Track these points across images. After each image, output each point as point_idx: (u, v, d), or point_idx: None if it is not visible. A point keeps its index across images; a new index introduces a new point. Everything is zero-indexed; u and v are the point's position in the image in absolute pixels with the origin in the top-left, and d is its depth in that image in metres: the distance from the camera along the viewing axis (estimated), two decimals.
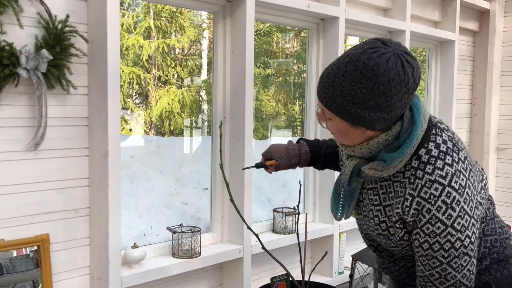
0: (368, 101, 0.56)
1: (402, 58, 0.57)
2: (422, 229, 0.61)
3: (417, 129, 0.60)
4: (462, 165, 0.61)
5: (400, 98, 0.57)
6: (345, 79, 0.57)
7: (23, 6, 0.93)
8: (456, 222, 0.60)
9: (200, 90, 1.79)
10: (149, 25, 1.63)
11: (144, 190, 1.39)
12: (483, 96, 2.30)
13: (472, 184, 0.62)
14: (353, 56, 0.57)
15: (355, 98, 0.57)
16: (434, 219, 0.60)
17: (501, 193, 2.30)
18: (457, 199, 0.59)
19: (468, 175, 0.62)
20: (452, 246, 0.60)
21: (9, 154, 0.95)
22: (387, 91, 0.56)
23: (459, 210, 0.60)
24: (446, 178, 0.59)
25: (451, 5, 2.04)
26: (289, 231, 1.45)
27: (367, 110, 0.57)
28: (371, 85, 0.55)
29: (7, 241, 0.95)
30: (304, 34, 1.78)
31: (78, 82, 1.02)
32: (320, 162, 0.81)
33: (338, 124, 0.61)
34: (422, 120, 0.61)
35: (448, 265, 0.61)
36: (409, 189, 0.61)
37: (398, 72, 0.56)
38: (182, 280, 1.25)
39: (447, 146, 0.62)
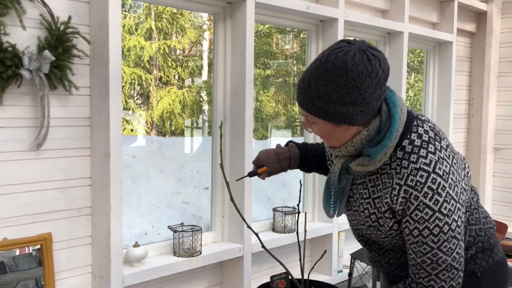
0: (344, 97, 0.59)
1: (367, 52, 0.60)
2: (411, 216, 0.63)
3: (395, 122, 0.63)
4: (444, 153, 0.64)
5: (374, 90, 0.60)
6: (318, 81, 0.60)
7: (25, 8, 0.94)
8: (443, 206, 0.62)
9: (200, 91, 1.80)
10: (150, 27, 1.64)
11: (146, 190, 1.40)
12: (481, 96, 2.31)
13: (456, 171, 0.64)
14: (322, 59, 0.61)
15: (331, 97, 0.60)
16: (422, 205, 0.62)
17: (498, 193, 2.32)
18: (443, 184, 0.62)
19: (451, 162, 0.64)
20: (441, 231, 0.62)
21: (12, 154, 0.96)
22: (359, 85, 0.59)
23: (445, 195, 0.62)
24: (430, 165, 0.62)
25: (448, 7, 2.06)
26: (288, 230, 1.46)
27: (344, 106, 0.60)
28: (343, 82, 0.58)
29: (10, 240, 0.96)
30: (303, 35, 1.80)
31: (80, 83, 1.03)
32: (308, 165, 0.83)
33: (322, 126, 0.64)
34: (399, 113, 0.63)
35: (439, 250, 0.63)
36: (396, 178, 0.64)
37: (365, 65, 0.59)
38: (183, 279, 1.26)
39: (429, 136, 0.64)
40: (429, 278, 0.65)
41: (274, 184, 1.65)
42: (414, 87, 2.53)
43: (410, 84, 2.51)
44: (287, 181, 1.69)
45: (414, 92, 2.52)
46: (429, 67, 2.15)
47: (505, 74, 2.31)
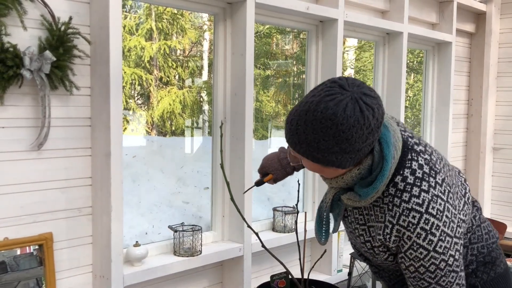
0: (332, 147, 0.56)
1: (360, 102, 0.55)
2: (406, 254, 0.62)
3: (388, 164, 0.60)
4: (439, 189, 0.61)
5: (365, 140, 0.57)
6: (306, 128, 0.56)
7: (26, 9, 0.95)
8: (438, 245, 0.61)
9: (201, 91, 1.81)
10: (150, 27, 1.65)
11: (146, 189, 1.40)
12: (480, 96, 2.32)
13: (451, 205, 0.62)
14: (311, 105, 0.56)
15: (319, 146, 0.56)
16: (416, 245, 0.61)
17: (497, 192, 2.33)
18: (436, 224, 0.60)
19: (447, 197, 0.62)
20: (437, 268, 0.61)
21: (13, 154, 0.97)
22: (349, 137, 0.55)
23: (439, 234, 0.60)
24: (423, 206, 0.60)
25: (448, 7, 2.06)
26: (288, 229, 1.46)
27: (333, 154, 0.57)
28: (332, 134, 0.55)
29: (11, 239, 0.96)
30: (303, 35, 1.80)
31: (81, 83, 1.03)
32: None
33: (310, 164, 0.61)
34: (392, 153, 0.60)
35: (437, 284, 0.62)
36: (389, 216, 0.62)
37: (357, 118, 0.55)
38: (183, 278, 1.27)
39: (423, 171, 0.62)
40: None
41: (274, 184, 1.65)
42: (413, 87, 2.54)
43: (409, 84, 2.51)
44: (287, 181, 1.67)
45: (413, 92, 2.52)
46: (428, 68, 2.16)
47: (504, 75, 2.32)
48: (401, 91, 1.82)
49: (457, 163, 2.34)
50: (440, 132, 2.15)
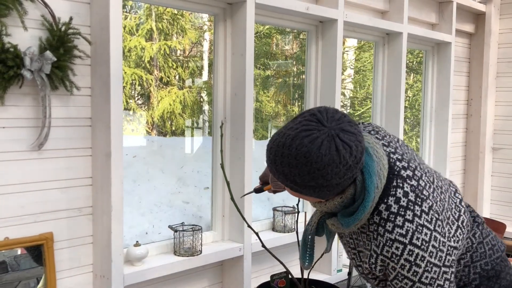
0: (308, 182, 0.54)
1: (336, 140, 0.53)
2: (392, 283, 0.61)
3: (369, 195, 0.57)
4: (425, 217, 0.58)
5: (342, 176, 0.54)
6: (282, 161, 0.55)
7: (27, 9, 0.95)
8: (424, 276, 0.58)
9: (201, 91, 1.81)
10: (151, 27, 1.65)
11: (146, 189, 1.40)
12: (479, 97, 2.32)
13: (440, 233, 0.59)
14: (287, 139, 0.54)
15: (295, 180, 0.55)
16: (400, 276, 0.59)
17: (496, 192, 2.33)
18: (421, 255, 0.58)
19: (434, 225, 0.59)
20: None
21: (14, 154, 0.97)
22: (325, 174, 0.53)
23: (424, 266, 0.58)
24: (406, 237, 0.58)
25: (447, 8, 2.06)
26: (288, 229, 1.46)
27: (310, 188, 0.55)
28: (307, 170, 0.53)
29: (11, 239, 0.96)
30: (303, 36, 1.80)
31: (82, 83, 1.03)
32: None
33: (291, 192, 0.60)
34: (375, 183, 0.58)
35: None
36: (373, 245, 0.60)
37: (332, 157, 0.53)
38: (184, 278, 1.27)
39: (408, 199, 0.59)
40: None
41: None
42: (413, 87, 2.54)
43: (409, 85, 2.52)
44: None
45: (413, 93, 2.53)
46: (428, 68, 2.16)
47: (503, 75, 2.32)
48: (401, 91, 1.82)
49: (457, 163, 2.34)
50: (440, 132, 2.15)
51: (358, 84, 2.79)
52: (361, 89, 2.77)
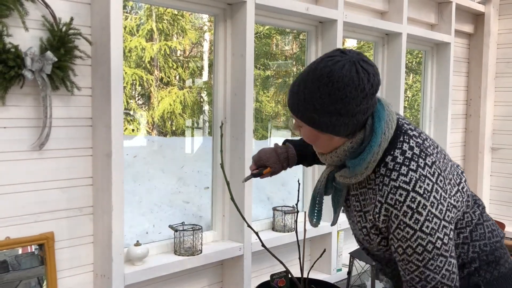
0: (328, 106, 0.60)
1: (357, 65, 0.59)
2: (394, 234, 0.63)
3: (377, 137, 0.62)
4: (428, 170, 0.62)
5: (359, 103, 0.60)
6: (306, 87, 0.61)
7: (28, 9, 0.95)
8: (425, 225, 0.61)
9: (201, 91, 1.82)
10: (151, 28, 1.66)
11: (147, 189, 1.40)
12: (478, 97, 2.33)
13: (441, 188, 0.62)
14: (313, 65, 0.61)
15: (315, 105, 0.60)
16: (402, 224, 0.61)
17: (496, 192, 2.34)
18: (423, 203, 0.61)
19: (436, 179, 0.62)
20: (424, 249, 0.61)
21: (15, 154, 0.97)
22: (344, 96, 0.59)
23: (426, 214, 0.61)
24: (410, 184, 0.61)
25: (446, 8, 2.07)
26: (288, 229, 1.47)
27: (328, 115, 0.60)
28: (328, 91, 0.59)
29: (12, 238, 0.96)
30: (303, 36, 1.80)
31: (82, 83, 1.04)
32: (307, 160, 0.83)
33: (307, 131, 0.65)
34: (383, 128, 0.62)
35: (425, 268, 0.62)
36: (378, 196, 0.63)
37: (352, 78, 0.58)
38: (184, 277, 1.27)
39: (413, 152, 0.63)
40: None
41: (274, 184, 1.66)
42: (412, 87, 2.55)
43: (408, 85, 2.53)
44: (287, 180, 1.70)
45: (412, 93, 2.54)
46: (427, 68, 2.17)
47: (502, 75, 2.33)
48: (400, 91, 1.83)
49: None
50: (439, 132, 2.16)
51: None
52: None
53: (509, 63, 2.30)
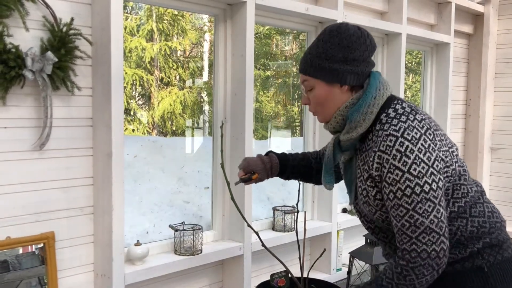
0: (337, 54, 0.72)
1: (359, 27, 0.75)
2: (386, 179, 0.68)
3: (371, 88, 0.72)
4: (417, 123, 0.69)
5: (362, 53, 0.73)
6: (318, 43, 0.74)
7: (28, 10, 0.95)
8: (412, 168, 0.66)
9: (201, 92, 1.82)
10: (151, 28, 1.66)
11: (147, 189, 1.40)
12: (478, 97, 2.34)
13: (429, 139, 0.68)
14: (323, 30, 0.77)
15: (326, 54, 0.73)
16: (392, 167, 0.67)
17: (495, 192, 2.35)
18: (411, 147, 0.67)
19: (424, 131, 0.69)
20: (412, 191, 0.66)
21: (15, 153, 0.97)
22: (350, 44, 0.72)
23: (413, 158, 0.66)
24: (399, 131, 0.68)
25: (446, 9, 2.08)
26: (288, 229, 1.47)
27: (337, 63, 0.72)
28: (337, 41, 0.72)
29: (13, 238, 0.97)
30: (303, 36, 1.82)
31: (83, 84, 1.04)
32: (286, 173, 0.91)
33: (317, 90, 0.75)
34: (377, 84, 0.73)
35: (414, 211, 0.66)
36: (374, 147, 0.71)
37: (355, 31, 0.73)
38: (184, 277, 1.28)
39: (404, 110, 0.71)
40: (411, 242, 0.67)
41: (274, 184, 1.66)
42: (412, 87, 2.55)
43: (408, 85, 2.53)
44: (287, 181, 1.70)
45: (412, 93, 2.54)
46: (426, 68, 2.17)
47: (501, 75, 2.33)
48: (400, 91, 1.83)
49: None
50: None
51: None
52: None
53: (509, 63, 2.30)
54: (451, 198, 0.72)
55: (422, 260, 0.66)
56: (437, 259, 0.66)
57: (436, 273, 0.67)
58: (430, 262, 0.66)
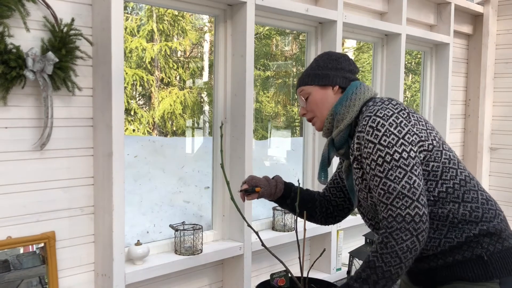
0: (327, 65, 0.87)
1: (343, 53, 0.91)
2: (363, 155, 0.75)
3: (352, 86, 0.84)
4: (391, 106, 0.77)
5: (347, 66, 0.87)
6: (311, 64, 0.90)
7: (29, 10, 0.96)
8: (382, 139, 0.73)
9: (201, 92, 1.82)
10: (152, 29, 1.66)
11: (148, 189, 1.41)
12: (477, 97, 2.34)
13: (402, 117, 0.75)
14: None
15: (318, 66, 0.88)
16: (366, 142, 0.75)
17: (494, 191, 2.35)
18: (381, 123, 0.74)
19: (398, 111, 0.76)
20: (384, 160, 0.72)
21: (16, 153, 0.98)
22: (337, 59, 0.88)
23: (384, 131, 0.73)
24: (372, 111, 0.77)
25: (445, 9, 2.08)
26: (288, 228, 1.48)
27: (328, 70, 0.86)
28: (327, 57, 0.88)
29: (14, 238, 0.97)
30: (302, 37, 1.82)
31: (83, 84, 1.04)
32: (289, 198, 0.95)
33: (313, 95, 0.86)
34: (357, 84, 0.85)
35: (386, 178, 0.71)
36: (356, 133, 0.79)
37: (341, 54, 0.90)
38: (184, 277, 1.28)
39: (382, 100, 0.79)
40: (387, 209, 0.71)
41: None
42: (411, 88, 2.56)
43: (407, 85, 2.54)
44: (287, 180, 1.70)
45: (411, 93, 2.55)
46: (426, 68, 2.18)
47: (501, 75, 2.34)
48: (400, 91, 1.84)
49: None
50: None
51: None
52: None
53: (508, 63, 2.31)
54: (439, 179, 0.75)
55: (398, 224, 0.69)
56: (412, 223, 0.68)
57: (415, 239, 0.69)
58: (406, 225, 0.68)
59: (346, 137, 0.82)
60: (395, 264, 0.68)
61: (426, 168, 0.75)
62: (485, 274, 0.73)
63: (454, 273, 0.74)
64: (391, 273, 0.69)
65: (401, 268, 0.69)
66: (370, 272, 0.70)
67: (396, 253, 0.68)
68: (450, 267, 0.74)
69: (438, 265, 0.75)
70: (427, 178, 0.75)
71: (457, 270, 0.74)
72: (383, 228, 0.70)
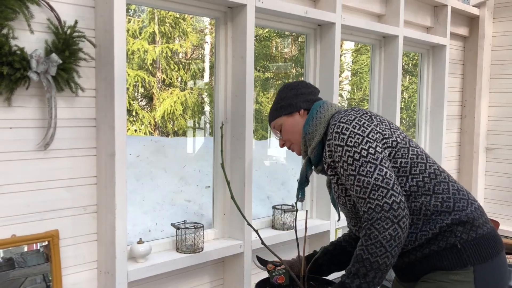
0: (287, 94, 0.94)
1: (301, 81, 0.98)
2: (335, 160, 0.81)
3: (316, 105, 0.90)
4: (353, 112, 0.83)
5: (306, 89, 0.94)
6: (274, 99, 0.96)
7: (33, 13, 0.97)
8: (348, 141, 0.79)
9: (202, 93, 1.84)
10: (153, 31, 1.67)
11: (149, 188, 1.42)
12: (473, 98, 2.37)
13: (364, 119, 0.82)
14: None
15: (281, 99, 0.95)
16: (335, 146, 0.81)
17: (490, 191, 2.38)
18: (346, 127, 0.81)
19: (360, 115, 0.83)
20: (353, 159, 0.77)
21: (20, 153, 0.99)
22: (295, 87, 0.95)
23: (348, 134, 0.80)
24: (337, 120, 0.84)
25: (442, 11, 2.11)
26: (287, 227, 1.49)
27: (290, 99, 0.93)
28: (288, 88, 0.95)
29: (18, 236, 0.98)
30: (302, 39, 1.83)
31: (86, 85, 1.06)
32: (322, 268, 0.98)
33: (285, 125, 0.92)
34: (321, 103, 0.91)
35: (359, 175, 0.76)
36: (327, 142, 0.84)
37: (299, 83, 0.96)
38: (186, 274, 1.29)
39: (346, 110, 0.86)
40: (365, 203, 0.75)
41: (273, 183, 1.69)
42: (408, 89, 2.59)
43: (404, 87, 2.56)
44: (286, 180, 1.73)
45: (408, 94, 2.57)
46: (423, 70, 2.20)
47: (496, 77, 2.37)
48: (397, 93, 1.86)
49: (451, 163, 2.38)
50: (435, 133, 2.19)
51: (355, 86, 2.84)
52: (358, 90, 2.82)
53: (504, 65, 2.34)
54: (409, 174, 0.79)
55: (377, 214, 0.72)
56: (392, 211, 0.71)
57: (397, 226, 0.71)
58: (386, 214, 0.71)
59: (321, 153, 0.86)
60: (381, 254, 0.70)
61: (394, 165, 0.78)
62: (460, 262, 0.74)
63: (431, 263, 0.76)
64: (378, 263, 0.70)
65: (387, 257, 0.70)
66: (359, 266, 0.72)
67: (381, 243, 0.70)
68: (427, 258, 0.76)
69: (417, 257, 0.77)
70: (397, 175, 0.77)
71: (434, 260, 0.75)
72: (365, 221, 0.72)
